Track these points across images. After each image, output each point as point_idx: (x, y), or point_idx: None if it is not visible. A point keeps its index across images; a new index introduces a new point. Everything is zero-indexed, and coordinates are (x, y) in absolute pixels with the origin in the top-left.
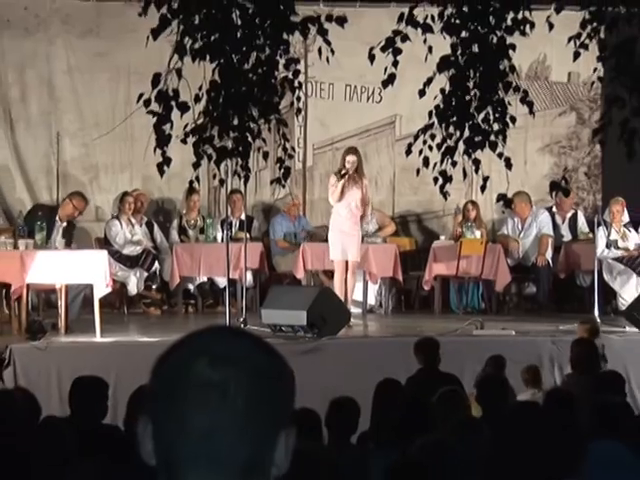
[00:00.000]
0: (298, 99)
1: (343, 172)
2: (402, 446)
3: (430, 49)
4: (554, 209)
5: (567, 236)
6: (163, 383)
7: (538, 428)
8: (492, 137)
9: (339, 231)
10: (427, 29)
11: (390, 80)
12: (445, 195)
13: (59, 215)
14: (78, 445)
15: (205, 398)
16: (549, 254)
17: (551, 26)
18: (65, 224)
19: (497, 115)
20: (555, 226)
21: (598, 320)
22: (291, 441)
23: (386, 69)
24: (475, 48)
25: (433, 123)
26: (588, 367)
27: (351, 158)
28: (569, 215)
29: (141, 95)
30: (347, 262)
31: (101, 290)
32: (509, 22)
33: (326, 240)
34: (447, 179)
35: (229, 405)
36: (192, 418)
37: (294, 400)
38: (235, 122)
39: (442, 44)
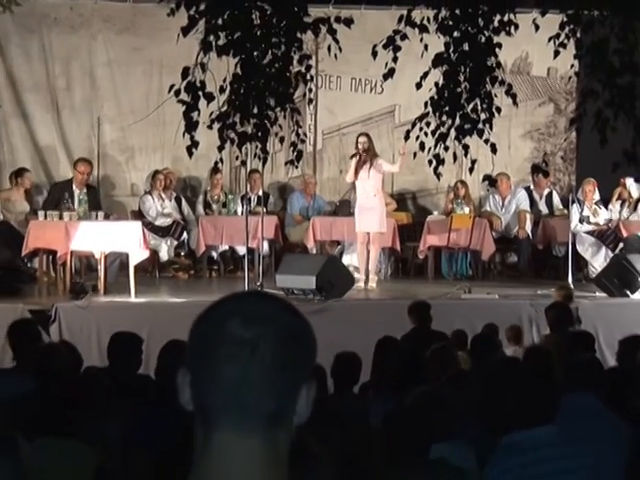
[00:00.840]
0: (310, 90)
1: (354, 153)
2: (399, 395)
3: (426, 47)
4: (532, 187)
5: (544, 212)
6: (200, 340)
7: (519, 380)
8: (480, 125)
9: (359, 206)
10: (423, 29)
11: (390, 74)
12: (438, 175)
13: (75, 185)
14: (115, 393)
15: (237, 353)
16: (529, 227)
17: (537, 27)
18: (85, 189)
19: (484, 106)
20: (533, 203)
21: (572, 286)
22: (312, 393)
23: (387, 64)
24: (466, 46)
25: (428, 112)
26: (563, 327)
27: (362, 139)
28: (545, 193)
29: (172, 86)
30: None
31: (137, 256)
32: (496, 24)
33: (334, 214)
34: (440, 162)
35: (258, 360)
36: (225, 371)
37: (315, 357)
38: (255, 110)
39: (436, 42)
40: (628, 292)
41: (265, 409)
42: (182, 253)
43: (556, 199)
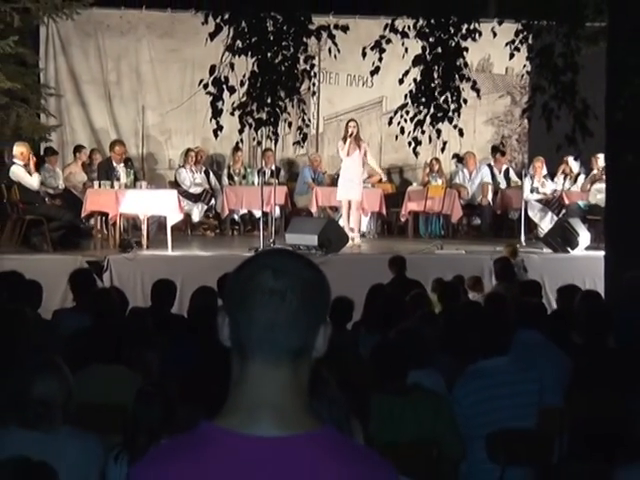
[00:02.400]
0: (313, 84)
1: (349, 134)
2: (383, 331)
3: (407, 49)
4: (492, 164)
5: (502, 184)
6: (237, 288)
7: (479, 320)
8: (450, 113)
9: (342, 178)
10: (405, 35)
11: (377, 71)
12: (416, 154)
13: (116, 161)
14: (155, 328)
15: (268, 300)
16: (490, 196)
17: (495, 34)
18: (124, 165)
19: (454, 98)
20: (493, 176)
21: (523, 243)
22: (328, 332)
23: (374, 63)
24: (439, 49)
25: (408, 103)
26: (506, 277)
27: (352, 124)
28: (504, 168)
29: (201, 80)
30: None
31: (173, 218)
32: (463, 31)
33: (332, 185)
34: (417, 143)
35: (286, 306)
36: (259, 314)
37: (330, 303)
38: (268, 100)
39: (415, 46)
40: (569, 249)
41: (292, 345)
42: (210, 215)
43: (512, 173)
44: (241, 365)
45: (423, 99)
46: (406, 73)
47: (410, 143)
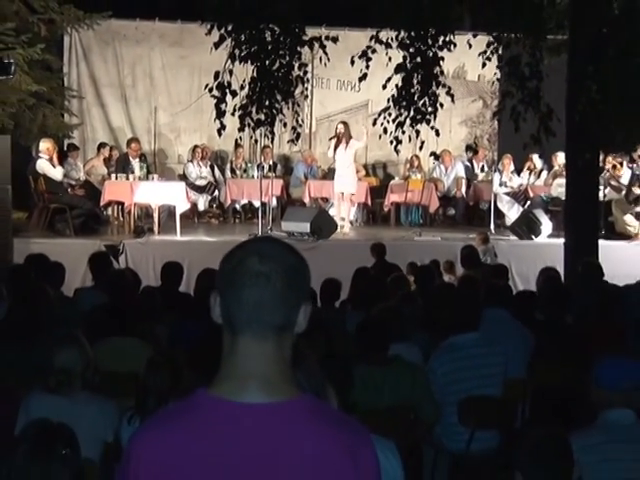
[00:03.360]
0: (306, 89)
1: (332, 136)
2: (367, 309)
3: (390, 58)
4: (473, 159)
5: (480, 177)
6: (228, 271)
7: (452, 300)
8: (428, 116)
9: (337, 173)
10: (388, 46)
11: (364, 77)
12: (397, 151)
13: (132, 156)
14: (164, 305)
15: (255, 282)
16: (463, 189)
17: (470, 45)
18: (139, 160)
19: (431, 102)
20: (473, 170)
21: (492, 231)
22: (308, 311)
23: (361, 70)
24: (418, 59)
25: (390, 106)
26: (470, 263)
27: (340, 126)
28: (481, 164)
29: (207, 85)
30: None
31: (181, 207)
32: (440, 43)
33: (323, 178)
34: (398, 142)
35: (270, 287)
36: (247, 295)
37: (309, 285)
38: (266, 103)
39: (397, 56)
40: (533, 236)
41: (276, 322)
42: (214, 205)
43: (484, 169)
44: (231, 340)
45: (404, 103)
46: (389, 79)
47: (392, 142)
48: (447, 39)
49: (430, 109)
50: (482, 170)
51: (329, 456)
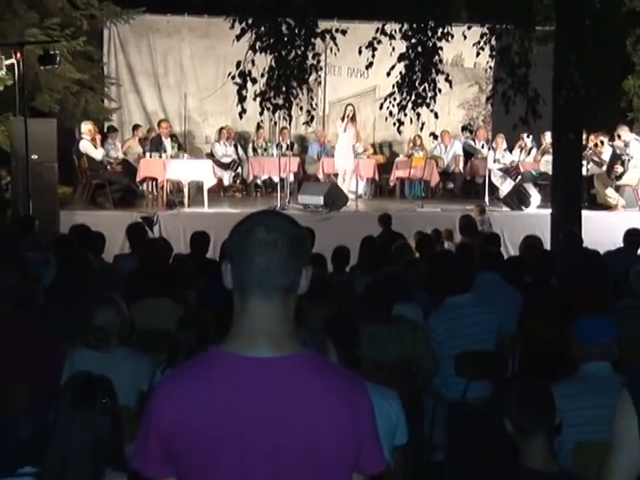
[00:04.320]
0: (319, 76)
1: (346, 115)
2: (374, 273)
3: (394, 48)
4: (475, 139)
5: (484, 153)
6: (238, 240)
7: (451, 264)
8: (428, 100)
9: (337, 152)
10: (392, 37)
11: (370, 65)
12: (400, 132)
13: (164, 136)
14: (193, 270)
15: (264, 249)
16: (461, 165)
17: (465, 37)
18: (170, 140)
19: (431, 87)
20: (474, 147)
21: (487, 203)
22: (309, 274)
23: (368, 59)
24: (419, 49)
25: (394, 91)
26: (468, 231)
27: (349, 108)
28: (482, 143)
29: (229, 73)
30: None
31: (208, 182)
32: (439, 34)
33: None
34: (401, 123)
35: (277, 254)
36: (257, 261)
37: (311, 251)
38: (283, 89)
39: (401, 46)
40: (523, 207)
41: (282, 284)
42: (238, 180)
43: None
44: (242, 302)
45: (406, 88)
46: (393, 67)
47: (395, 123)
48: (445, 31)
49: (430, 94)
50: (482, 147)
51: (329, 402)
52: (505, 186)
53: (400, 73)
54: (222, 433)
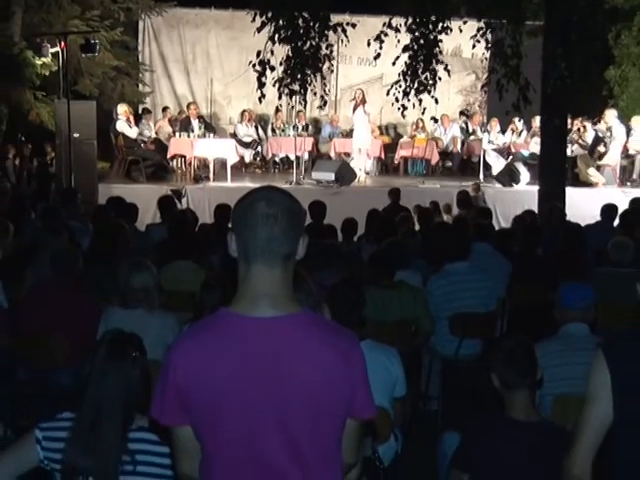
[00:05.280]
0: (332, 64)
1: (355, 98)
2: (379, 242)
3: (399, 40)
4: (468, 123)
5: (478, 135)
6: (241, 213)
7: (448, 235)
8: (429, 87)
9: (355, 132)
10: (397, 30)
11: (378, 56)
12: (403, 115)
13: (192, 117)
14: (216, 237)
15: (266, 221)
16: (458, 146)
17: (461, 31)
18: (198, 121)
19: (432, 76)
20: (467, 130)
21: (482, 180)
22: (305, 243)
23: (376, 50)
24: (421, 41)
25: (399, 79)
26: (464, 205)
27: (358, 92)
28: (477, 126)
29: (250, 61)
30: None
31: (231, 159)
32: (439, 28)
33: (345, 137)
34: (405, 108)
35: (278, 225)
36: (260, 231)
37: (304, 223)
38: (299, 76)
39: (405, 38)
40: (514, 184)
41: (283, 252)
42: (258, 158)
43: (477, 129)
44: (246, 268)
45: (410, 76)
46: (398, 57)
47: (399, 108)
48: (445, 25)
49: (431, 82)
50: (474, 133)
51: (325, 355)
52: (498, 165)
53: (404, 63)
54: (229, 383)
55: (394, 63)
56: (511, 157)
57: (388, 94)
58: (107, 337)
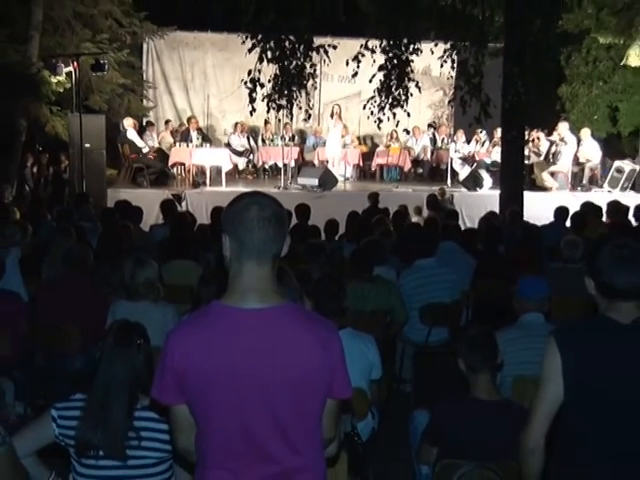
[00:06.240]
0: (315, 82)
1: (331, 114)
2: (358, 241)
3: (374, 60)
4: (435, 134)
5: (445, 145)
6: (236, 217)
7: (420, 235)
8: (402, 102)
9: (328, 144)
10: (373, 51)
11: (356, 74)
12: (379, 127)
13: (191, 129)
14: (212, 237)
15: (262, 225)
16: (428, 155)
17: (432, 52)
18: (196, 132)
19: (404, 92)
20: (435, 140)
21: (449, 185)
22: (288, 242)
23: (354, 69)
24: (395, 61)
25: (374, 95)
26: (434, 207)
27: (336, 107)
28: (443, 137)
29: (243, 79)
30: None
31: (226, 167)
32: (411, 49)
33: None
34: (380, 121)
35: (271, 227)
36: (257, 233)
37: (289, 226)
38: (286, 92)
39: (380, 58)
40: (477, 189)
41: (273, 251)
42: (250, 165)
43: (443, 140)
44: (239, 265)
45: (384, 93)
46: (374, 76)
47: (375, 121)
48: (416, 47)
49: (403, 97)
50: (442, 143)
51: (306, 342)
52: (464, 171)
53: (380, 80)
54: (219, 368)
55: (371, 80)
56: (475, 164)
57: (364, 108)
58: (115, 326)
